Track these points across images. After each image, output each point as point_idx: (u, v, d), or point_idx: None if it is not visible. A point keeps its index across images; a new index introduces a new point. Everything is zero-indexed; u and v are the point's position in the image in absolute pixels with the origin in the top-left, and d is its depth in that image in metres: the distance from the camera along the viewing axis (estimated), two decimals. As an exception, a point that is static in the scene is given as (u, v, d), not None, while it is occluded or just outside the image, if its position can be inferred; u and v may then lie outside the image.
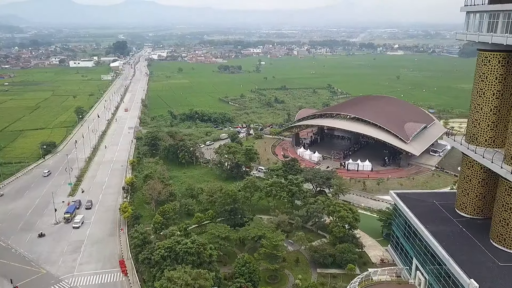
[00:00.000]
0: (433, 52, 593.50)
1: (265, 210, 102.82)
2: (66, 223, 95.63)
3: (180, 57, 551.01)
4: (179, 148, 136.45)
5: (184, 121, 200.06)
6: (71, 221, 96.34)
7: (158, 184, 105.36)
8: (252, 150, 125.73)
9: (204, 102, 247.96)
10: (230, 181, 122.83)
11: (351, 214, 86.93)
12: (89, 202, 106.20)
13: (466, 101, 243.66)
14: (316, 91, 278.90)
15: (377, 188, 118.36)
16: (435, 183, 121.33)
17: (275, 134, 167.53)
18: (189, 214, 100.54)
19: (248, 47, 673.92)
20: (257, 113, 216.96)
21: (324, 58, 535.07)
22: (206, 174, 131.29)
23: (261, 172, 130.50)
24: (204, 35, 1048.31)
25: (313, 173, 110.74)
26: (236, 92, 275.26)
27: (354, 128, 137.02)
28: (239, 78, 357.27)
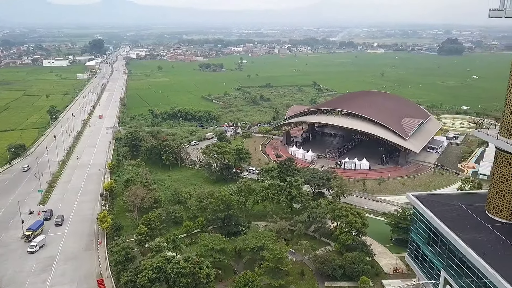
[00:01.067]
0: (412, 50, 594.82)
1: (261, 216, 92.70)
2: (26, 242, 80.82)
3: (159, 56, 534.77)
4: (163, 149, 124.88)
5: (166, 120, 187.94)
6: (31, 240, 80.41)
7: (141, 189, 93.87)
8: (244, 150, 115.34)
9: (186, 100, 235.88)
10: (220, 184, 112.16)
11: (359, 219, 77.80)
12: (60, 218, 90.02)
13: (453, 97, 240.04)
14: (302, 88, 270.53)
15: (378, 188, 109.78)
16: (438, 182, 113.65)
17: (265, 132, 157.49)
18: (177, 222, 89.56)
19: (228, 46, 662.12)
20: (243, 111, 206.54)
21: (306, 57, 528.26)
22: (193, 176, 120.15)
23: (253, 173, 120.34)
24: (183, 34, 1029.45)
25: (311, 174, 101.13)
26: (219, 90, 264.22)
27: (349, 125, 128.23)
28: (221, 76, 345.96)
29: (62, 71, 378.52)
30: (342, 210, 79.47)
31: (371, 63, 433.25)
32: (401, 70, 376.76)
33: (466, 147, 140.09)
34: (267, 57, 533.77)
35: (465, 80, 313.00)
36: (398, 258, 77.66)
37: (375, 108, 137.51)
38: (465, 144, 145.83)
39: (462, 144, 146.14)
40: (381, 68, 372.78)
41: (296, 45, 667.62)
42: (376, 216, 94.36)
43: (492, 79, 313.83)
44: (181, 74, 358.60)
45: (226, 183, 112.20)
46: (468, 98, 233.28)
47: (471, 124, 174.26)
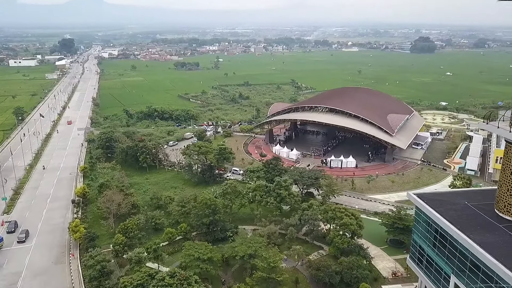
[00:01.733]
0: (386, 48, 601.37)
1: (248, 220, 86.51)
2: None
3: (132, 55, 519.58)
4: (139, 150, 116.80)
5: (142, 120, 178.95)
6: None
7: (117, 194, 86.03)
8: (227, 150, 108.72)
9: (162, 99, 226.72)
10: (202, 186, 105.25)
11: (355, 220, 72.80)
12: (23, 234, 78.91)
13: (430, 93, 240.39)
14: (280, 87, 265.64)
15: (367, 186, 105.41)
16: (427, 178, 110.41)
17: (246, 131, 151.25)
18: (158, 229, 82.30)
19: (203, 45, 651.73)
20: (222, 109, 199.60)
21: (282, 55, 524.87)
22: (173, 179, 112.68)
23: (236, 174, 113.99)
24: (156, 34, 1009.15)
25: (299, 174, 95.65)
26: (196, 89, 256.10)
27: (335, 122, 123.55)
28: (198, 74, 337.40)
29: (30, 71, 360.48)
30: (336, 211, 74.26)
31: (347, 61, 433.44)
32: (377, 67, 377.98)
33: (451, 142, 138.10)
34: (243, 56, 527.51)
35: (439, 77, 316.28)
36: (396, 260, 73.11)
37: (360, 104, 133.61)
38: (448, 140, 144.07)
39: (446, 140, 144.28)
40: (357, 66, 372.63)
41: (272, 44, 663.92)
42: (368, 216, 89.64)
43: (465, 76, 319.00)
44: (156, 73, 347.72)
45: (208, 185, 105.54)
46: (444, 94, 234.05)
47: (452, 120, 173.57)
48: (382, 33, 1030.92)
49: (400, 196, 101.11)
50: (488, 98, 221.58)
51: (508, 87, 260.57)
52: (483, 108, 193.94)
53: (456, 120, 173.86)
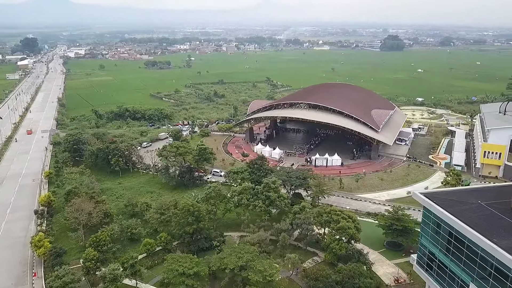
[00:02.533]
0: (356, 46, 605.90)
1: (234, 225, 79.16)
2: None
3: (100, 54, 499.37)
4: (111, 152, 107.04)
5: (113, 120, 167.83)
6: None
7: (87, 202, 76.62)
8: (207, 150, 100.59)
9: (133, 99, 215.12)
10: (181, 190, 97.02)
11: (352, 223, 66.70)
12: None
13: (404, 89, 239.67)
14: (256, 84, 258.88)
15: (356, 185, 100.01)
16: (415, 175, 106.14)
17: (225, 130, 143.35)
18: (134, 239, 73.70)
19: (174, 44, 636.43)
20: (197, 108, 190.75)
21: (254, 54, 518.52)
22: (149, 183, 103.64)
23: (217, 175, 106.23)
24: (125, 34, 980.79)
25: (286, 174, 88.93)
26: (169, 88, 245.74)
27: (318, 118, 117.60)
28: (170, 73, 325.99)
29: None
30: (332, 214, 67.94)
31: (319, 60, 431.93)
32: (350, 65, 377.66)
33: (435, 137, 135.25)
34: (215, 55, 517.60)
35: (411, 73, 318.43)
36: (396, 265, 67.58)
37: (342, 100, 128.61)
38: (430, 135, 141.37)
39: (428, 135, 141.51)
40: (330, 64, 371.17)
41: (244, 43, 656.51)
42: (360, 217, 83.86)
43: (435, 72, 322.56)
44: (125, 73, 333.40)
45: (187, 188, 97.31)
46: (418, 90, 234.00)
47: (431, 115, 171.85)
48: (351, 32, 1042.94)
49: (390, 195, 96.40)
50: (461, 93, 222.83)
51: (478, 83, 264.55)
52: (458, 103, 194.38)
53: (435, 115, 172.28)
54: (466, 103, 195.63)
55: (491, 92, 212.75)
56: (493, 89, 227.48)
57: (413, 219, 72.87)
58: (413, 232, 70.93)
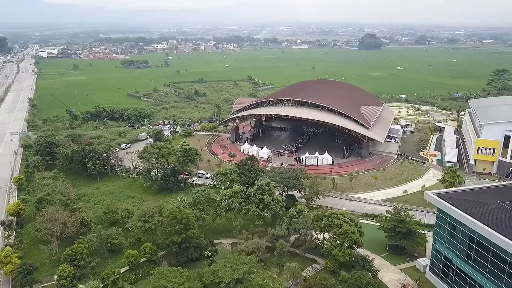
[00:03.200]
0: (334, 45, 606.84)
1: (224, 232, 72.87)
2: None
3: (74, 54, 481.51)
4: (87, 155, 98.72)
5: (88, 121, 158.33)
6: None
7: (61, 211, 68.84)
8: (193, 150, 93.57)
9: (110, 99, 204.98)
10: (165, 194, 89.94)
11: (355, 227, 61.44)
12: None
13: (386, 87, 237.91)
14: (237, 83, 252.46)
15: (349, 185, 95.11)
16: (409, 173, 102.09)
17: (209, 129, 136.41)
18: (115, 251, 66.43)
19: (151, 44, 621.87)
20: (178, 107, 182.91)
21: (233, 53, 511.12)
22: (129, 187, 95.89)
23: (203, 177, 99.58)
24: (99, 33, 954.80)
25: (278, 174, 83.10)
26: (147, 87, 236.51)
27: (308, 115, 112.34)
28: (148, 72, 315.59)
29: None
30: (333, 217, 62.47)
31: (298, 58, 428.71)
32: (329, 63, 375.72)
33: (424, 134, 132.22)
34: (193, 54, 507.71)
35: (391, 71, 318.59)
36: (402, 271, 62.68)
37: (331, 96, 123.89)
38: (418, 132, 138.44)
39: (416, 132, 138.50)
40: (310, 62, 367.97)
41: (222, 42, 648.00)
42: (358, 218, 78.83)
43: (414, 70, 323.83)
44: (101, 72, 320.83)
45: (172, 192, 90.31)
46: (400, 87, 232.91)
47: (416, 112, 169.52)
48: (328, 31, 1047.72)
49: (385, 194, 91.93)
50: (442, 90, 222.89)
51: (457, 80, 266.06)
52: (442, 100, 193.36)
53: (420, 112, 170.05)
54: (449, 99, 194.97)
55: (471, 88, 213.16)
56: (473, 85, 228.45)
57: (416, 220, 68.35)
58: (417, 234, 66.39)
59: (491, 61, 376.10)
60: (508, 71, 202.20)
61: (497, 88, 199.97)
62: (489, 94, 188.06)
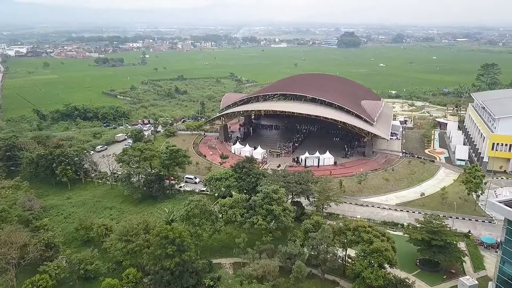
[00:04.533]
0: (313, 44, 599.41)
1: (224, 249, 60.53)
2: None
3: (45, 53, 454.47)
4: (56, 159, 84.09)
5: (59, 121, 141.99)
6: None
7: (20, 231, 54.67)
8: (181, 152, 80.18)
9: (83, 97, 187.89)
10: (149, 204, 76.63)
11: (387, 242, 50.13)
12: None
13: (372, 83, 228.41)
14: (220, 80, 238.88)
15: (358, 188, 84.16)
16: (420, 173, 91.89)
17: (194, 128, 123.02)
18: (90, 279, 52.94)
19: (126, 43, 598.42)
20: (158, 105, 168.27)
21: (212, 51, 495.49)
22: (106, 195, 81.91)
23: (191, 182, 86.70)
24: (72, 33, 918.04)
25: (283, 178, 71.00)
26: (124, 85, 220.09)
27: (308, 111, 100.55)
28: (123, 70, 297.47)
29: None
30: (360, 231, 50.91)
31: (279, 56, 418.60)
32: (311, 61, 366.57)
33: (425, 130, 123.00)
34: (171, 52, 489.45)
35: (374, 68, 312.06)
36: (442, 292, 51.91)
37: (328, 90, 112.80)
38: (417, 128, 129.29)
39: (415, 128, 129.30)
40: (291, 60, 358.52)
41: (200, 41, 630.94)
42: (375, 227, 67.79)
43: (397, 67, 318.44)
44: (73, 71, 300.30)
45: (157, 202, 77.02)
46: (387, 84, 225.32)
47: (411, 107, 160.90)
48: (304, 31, 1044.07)
49: (399, 197, 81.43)
50: (429, 85, 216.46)
51: (441, 76, 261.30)
52: (433, 95, 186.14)
53: (415, 107, 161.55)
54: (440, 94, 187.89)
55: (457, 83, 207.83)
56: (457, 81, 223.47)
57: (452, 231, 57.75)
58: (454, 247, 55.67)
59: (469, 58, 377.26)
60: (497, 66, 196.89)
61: (486, 82, 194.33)
62: (480, 89, 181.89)
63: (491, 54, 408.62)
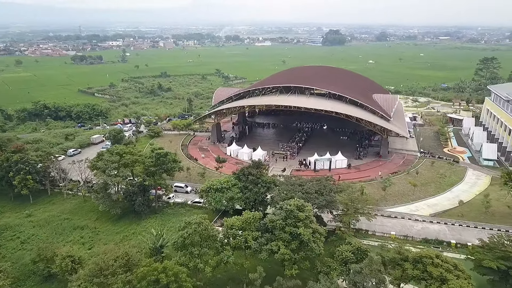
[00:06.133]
0: (298, 42, 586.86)
1: (231, 283, 45.29)
2: None
3: (18, 51, 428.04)
4: (13, 167, 67.36)
5: (26, 121, 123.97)
6: None
7: None
8: (170, 156, 64.49)
9: (57, 96, 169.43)
10: (130, 222, 61.05)
11: (464, 278, 36.10)
12: None
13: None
14: (205, 77, 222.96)
15: (381, 195, 70.41)
16: (448, 177, 78.70)
17: (181, 128, 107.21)
18: None
19: (105, 41, 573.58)
20: (140, 103, 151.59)
21: (195, 49, 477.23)
22: (77, 211, 65.75)
23: (182, 192, 71.54)
24: (49, 32, 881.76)
25: (299, 187, 56.29)
26: (102, 83, 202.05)
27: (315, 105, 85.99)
28: (102, 68, 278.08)
29: None
30: (426, 263, 36.72)
31: (264, 54, 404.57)
32: (298, 58, 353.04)
33: (437, 127, 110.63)
34: (152, 50, 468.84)
35: (364, 65, 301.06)
36: None
37: (334, 83, 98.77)
38: (428, 125, 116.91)
39: (426, 125, 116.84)
40: (277, 58, 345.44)
41: (182, 39, 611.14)
42: (416, 247, 54.03)
43: (386, 64, 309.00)
44: (48, 68, 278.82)
45: (141, 218, 61.43)
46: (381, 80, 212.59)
47: (415, 103, 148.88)
48: (287, 30, 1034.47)
49: (431, 206, 68.06)
50: (424, 81, 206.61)
51: (434, 72, 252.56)
52: (433, 91, 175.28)
53: (419, 103, 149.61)
54: (440, 90, 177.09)
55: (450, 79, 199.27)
56: (451, 76, 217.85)
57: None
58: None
59: (456, 55, 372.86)
60: (496, 59, 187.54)
61: (486, 77, 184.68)
62: (481, 84, 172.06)
63: (476, 51, 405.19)
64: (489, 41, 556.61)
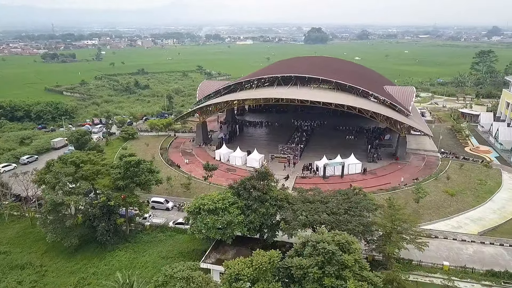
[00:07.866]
0: (279, 40, 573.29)
1: None
2: None
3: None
4: None
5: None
6: None
7: None
8: (144, 165, 47.81)
9: (20, 95, 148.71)
10: (91, 255, 44.47)
11: None
12: None
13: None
14: (187, 74, 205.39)
15: (414, 208, 55.77)
16: (485, 182, 64.81)
17: (160, 128, 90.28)
18: None
19: (80, 40, 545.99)
20: (113, 102, 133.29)
21: (175, 48, 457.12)
22: (21, 240, 48.55)
23: (161, 208, 55.28)
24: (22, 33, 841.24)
25: (322, 206, 40.76)
26: (73, 81, 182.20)
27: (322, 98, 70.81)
28: (75, 66, 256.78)
29: None
30: None
31: (247, 52, 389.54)
32: (283, 56, 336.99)
33: (452, 124, 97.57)
34: (130, 49, 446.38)
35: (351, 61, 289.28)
36: None
37: (341, 73, 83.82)
38: (438, 121, 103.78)
39: (436, 122, 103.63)
40: (260, 55, 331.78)
41: (161, 38, 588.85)
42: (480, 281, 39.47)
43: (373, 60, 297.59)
44: (15, 67, 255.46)
45: (106, 250, 44.75)
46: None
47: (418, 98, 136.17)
48: (267, 30, 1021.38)
49: (475, 221, 53.81)
50: (416, 77, 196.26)
51: (424, 67, 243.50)
52: (431, 85, 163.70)
53: (421, 98, 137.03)
54: (439, 85, 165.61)
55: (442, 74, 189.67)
56: (441, 72, 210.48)
57: None
58: None
59: (440, 51, 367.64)
60: (493, 52, 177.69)
61: (482, 71, 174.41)
62: (480, 79, 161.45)
63: (460, 48, 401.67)
64: (469, 39, 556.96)
